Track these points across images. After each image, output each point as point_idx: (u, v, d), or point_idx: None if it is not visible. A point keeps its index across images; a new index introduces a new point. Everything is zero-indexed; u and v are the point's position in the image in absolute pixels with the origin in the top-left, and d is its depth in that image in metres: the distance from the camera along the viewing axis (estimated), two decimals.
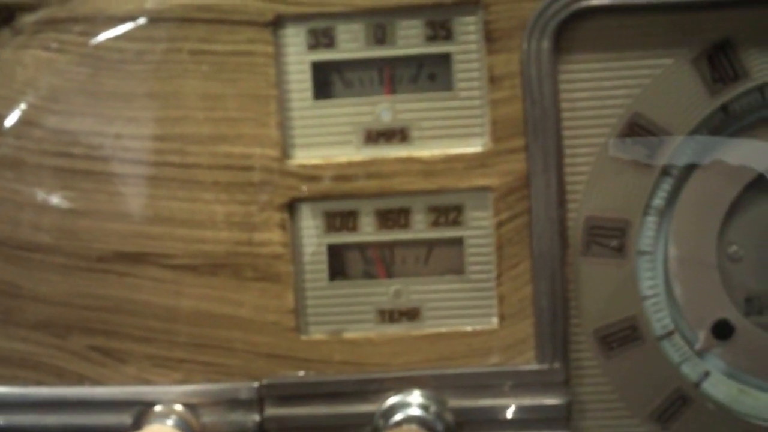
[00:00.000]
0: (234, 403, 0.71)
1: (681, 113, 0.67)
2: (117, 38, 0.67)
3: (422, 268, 0.70)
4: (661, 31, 0.67)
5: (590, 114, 0.68)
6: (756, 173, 0.69)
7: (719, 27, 0.66)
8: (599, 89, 0.67)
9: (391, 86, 0.68)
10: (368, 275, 0.70)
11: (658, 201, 0.68)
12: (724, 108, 0.68)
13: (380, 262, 0.69)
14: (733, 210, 0.70)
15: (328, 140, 0.68)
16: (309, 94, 0.68)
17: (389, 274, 0.70)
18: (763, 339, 0.70)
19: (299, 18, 0.67)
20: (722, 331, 0.70)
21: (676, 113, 0.67)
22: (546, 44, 0.65)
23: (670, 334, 0.70)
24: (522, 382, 0.69)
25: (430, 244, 0.70)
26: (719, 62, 0.66)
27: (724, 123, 0.68)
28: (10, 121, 0.69)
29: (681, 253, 0.69)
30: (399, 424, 0.69)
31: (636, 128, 0.67)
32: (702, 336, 0.70)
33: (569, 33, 0.67)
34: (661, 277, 0.70)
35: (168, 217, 0.70)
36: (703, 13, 0.66)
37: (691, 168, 0.69)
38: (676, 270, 0.69)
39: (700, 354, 0.71)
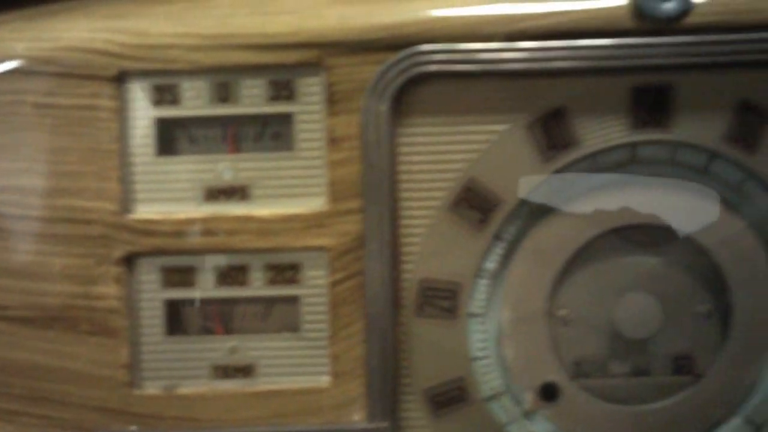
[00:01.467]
0: None
1: (515, 179, 0.59)
2: None
3: (259, 325, 0.62)
4: (498, 98, 0.62)
5: (427, 177, 0.62)
6: (586, 239, 0.64)
7: (553, 95, 0.62)
8: (437, 153, 0.62)
9: (235, 144, 0.59)
10: (206, 331, 0.61)
11: (491, 264, 0.62)
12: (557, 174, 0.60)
13: (218, 318, 0.61)
14: (564, 274, 0.65)
15: (169, 196, 0.61)
16: (152, 149, 0.60)
17: (227, 331, 0.62)
18: (588, 402, 0.65)
19: (143, 74, 0.60)
20: (550, 393, 0.62)
21: (510, 179, 0.60)
22: (385, 107, 0.58)
23: (498, 395, 0.63)
24: None
25: (268, 302, 0.61)
26: (553, 129, 0.60)
27: (561, 189, 0.61)
28: None
29: (512, 315, 0.63)
30: None
31: (471, 193, 0.60)
32: (529, 398, 0.61)
33: (408, 97, 0.61)
34: (493, 339, 0.63)
35: (5, 268, 0.63)
36: (538, 81, 0.61)
37: (523, 233, 0.60)
38: (506, 332, 0.63)
39: (528, 416, 0.63)
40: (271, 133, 0.62)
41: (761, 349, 0.64)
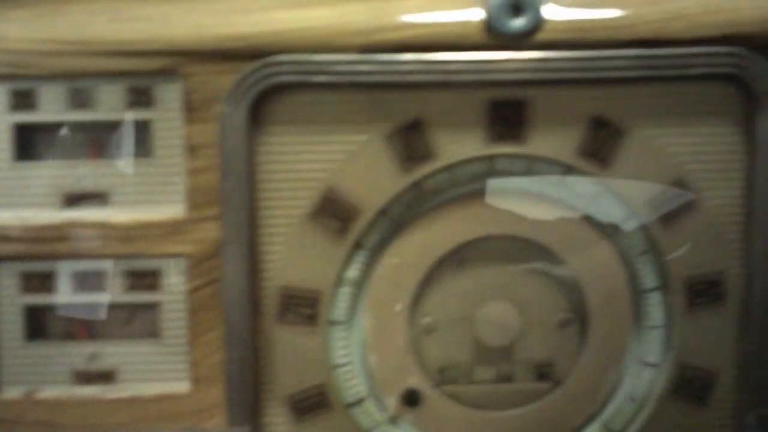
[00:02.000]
0: None
1: (374, 189, 0.62)
2: None
3: (121, 331, 0.62)
4: (356, 109, 0.63)
5: (288, 186, 0.62)
6: (448, 248, 0.65)
7: (410, 107, 0.62)
8: (297, 162, 0.63)
9: (95, 150, 0.59)
10: (69, 336, 0.61)
11: (353, 273, 0.63)
12: (417, 185, 0.60)
13: (80, 323, 0.61)
14: (428, 283, 0.66)
15: (27, 201, 0.62)
16: (9, 155, 0.59)
17: (89, 336, 0.61)
18: (451, 408, 0.66)
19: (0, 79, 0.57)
20: (413, 399, 0.63)
21: (369, 189, 0.62)
22: (242, 116, 0.59)
23: (361, 401, 0.63)
24: None
25: (130, 308, 0.61)
26: (411, 141, 0.61)
27: (419, 200, 0.62)
28: None
29: (374, 323, 0.64)
30: None
31: (330, 202, 0.60)
32: (392, 404, 0.62)
33: (267, 106, 0.62)
34: (357, 346, 0.63)
35: None
36: (395, 93, 0.61)
37: (385, 242, 0.60)
38: (369, 339, 0.62)
39: (391, 421, 0.64)
40: (132, 139, 0.62)
41: (617, 357, 0.65)
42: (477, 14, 0.59)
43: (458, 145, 0.62)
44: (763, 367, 0.63)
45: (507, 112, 0.62)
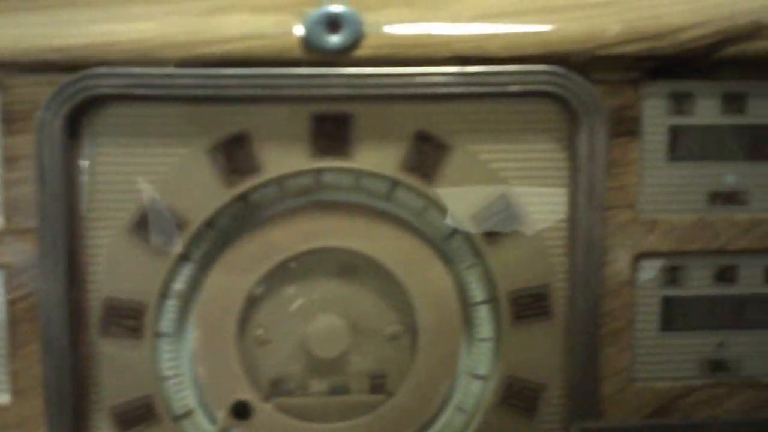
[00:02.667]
0: None
1: (199, 202, 0.63)
2: None
3: None
4: (178, 121, 0.63)
5: (111, 197, 0.63)
6: (276, 262, 0.66)
7: (233, 120, 0.63)
8: (121, 174, 0.62)
9: None
10: None
11: (180, 285, 0.63)
12: (243, 198, 0.60)
13: None
14: (260, 294, 0.66)
15: None
16: None
17: None
18: (282, 421, 0.67)
19: None
20: (242, 411, 0.63)
21: (194, 201, 0.62)
22: (58, 128, 0.58)
23: (189, 413, 0.63)
24: None
25: None
26: (234, 154, 0.61)
27: (246, 212, 0.64)
28: None
29: (204, 335, 0.64)
30: None
31: (153, 214, 0.59)
32: (221, 416, 0.63)
33: (89, 118, 0.62)
34: (186, 358, 0.64)
35: None
36: (217, 107, 0.62)
37: (213, 254, 0.61)
38: (198, 351, 0.63)
39: None
40: None
41: (447, 369, 0.67)
42: (296, 30, 0.59)
43: (284, 159, 0.63)
44: (588, 380, 0.64)
45: (331, 126, 0.62)
